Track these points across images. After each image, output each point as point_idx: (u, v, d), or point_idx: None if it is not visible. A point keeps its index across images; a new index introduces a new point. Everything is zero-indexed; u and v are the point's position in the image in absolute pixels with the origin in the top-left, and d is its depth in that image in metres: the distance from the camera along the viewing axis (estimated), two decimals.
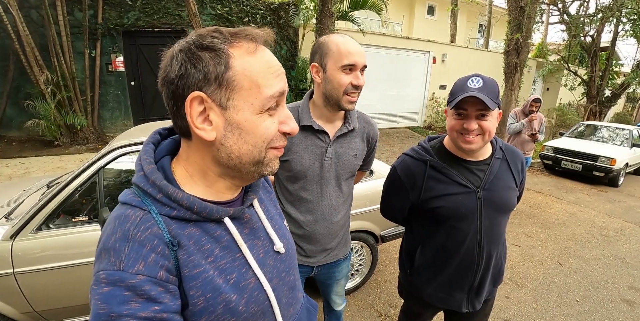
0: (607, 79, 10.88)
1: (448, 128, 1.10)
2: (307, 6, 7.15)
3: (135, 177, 0.55)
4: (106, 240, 0.49)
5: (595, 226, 4.18)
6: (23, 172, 4.75)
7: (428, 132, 9.75)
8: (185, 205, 0.52)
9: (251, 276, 0.59)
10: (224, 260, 0.56)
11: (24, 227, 1.69)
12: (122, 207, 0.53)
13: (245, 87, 0.51)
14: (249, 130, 0.52)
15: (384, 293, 2.55)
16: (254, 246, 0.62)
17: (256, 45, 0.52)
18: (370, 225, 2.33)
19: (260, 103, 0.52)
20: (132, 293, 0.45)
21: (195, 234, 0.54)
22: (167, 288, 0.49)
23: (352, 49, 1.06)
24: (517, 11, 7.19)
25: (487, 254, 1.13)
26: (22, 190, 2.42)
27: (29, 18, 5.56)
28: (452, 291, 1.18)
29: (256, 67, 0.51)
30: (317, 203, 1.20)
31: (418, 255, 1.21)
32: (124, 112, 6.77)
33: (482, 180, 1.11)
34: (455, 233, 1.11)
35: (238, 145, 0.53)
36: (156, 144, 0.61)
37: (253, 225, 0.63)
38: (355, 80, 1.08)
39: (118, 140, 1.95)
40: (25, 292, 1.65)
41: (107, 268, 0.47)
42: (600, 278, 2.94)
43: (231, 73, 0.50)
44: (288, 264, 0.69)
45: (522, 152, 4.12)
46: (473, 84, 1.01)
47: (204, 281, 0.53)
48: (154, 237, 0.49)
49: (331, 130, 1.18)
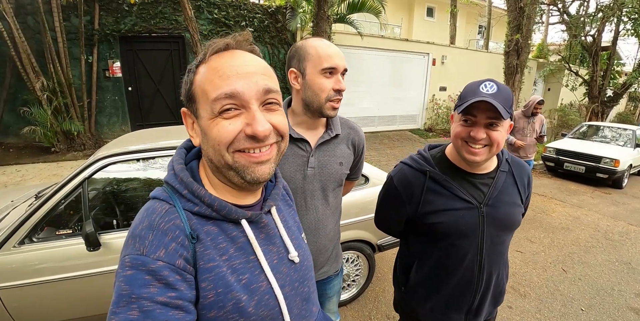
0: (609, 79, 10.77)
1: (453, 135, 1.00)
2: (304, 10, 7.12)
3: (166, 175, 0.62)
4: (134, 228, 0.54)
5: (599, 230, 4.08)
6: (19, 179, 4.71)
7: (429, 135, 9.68)
8: (206, 201, 0.57)
9: (263, 280, 0.61)
10: (238, 260, 0.59)
11: (7, 240, 1.64)
12: (151, 201, 0.59)
13: (200, 96, 0.56)
14: (207, 135, 0.57)
15: (381, 303, 2.47)
16: (269, 252, 0.64)
17: (221, 54, 0.57)
18: (366, 234, 2.26)
19: (209, 108, 0.55)
20: (152, 278, 0.49)
21: (213, 231, 0.58)
22: (184, 277, 0.52)
23: (331, 52, 1.01)
24: (517, 12, 7.14)
25: (488, 274, 1.05)
26: (10, 200, 2.38)
27: (25, 24, 5.55)
28: (449, 312, 1.10)
29: (204, 76, 0.56)
30: (302, 216, 1.13)
31: (414, 271, 1.13)
32: (122, 117, 6.74)
33: (485, 195, 1.02)
34: (455, 251, 1.03)
35: (207, 149, 0.58)
36: (188, 149, 0.67)
37: (269, 231, 0.65)
38: (337, 84, 1.03)
39: (105, 149, 1.91)
40: (8, 307, 1.61)
41: (132, 253, 0.51)
42: (606, 285, 2.85)
43: (193, 87, 0.57)
44: (303, 274, 0.70)
45: (525, 155, 4.07)
46: (486, 89, 0.92)
47: (217, 276, 0.55)
48: (176, 228, 0.54)
49: (312, 138, 1.11)
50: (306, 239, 1.15)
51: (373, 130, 9.45)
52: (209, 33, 6.91)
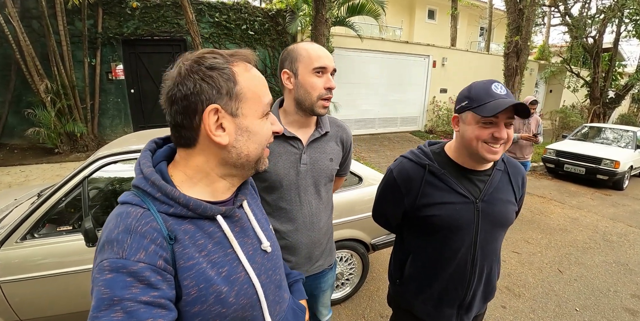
0: (611, 80, 10.74)
1: (469, 137, 0.99)
2: (304, 13, 7.19)
3: (135, 179, 0.61)
4: (109, 234, 0.54)
5: (598, 231, 4.08)
6: (23, 179, 4.79)
7: (429, 137, 9.69)
8: (181, 202, 0.58)
9: (241, 271, 0.64)
10: (217, 254, 0.61)
11: (9, 236, 1.69)
12: (122, 206, 0.59)
13: (250, 98, 0.62)
14: (256, 132, 0.63)
15: (375, 302, 2.49)
16: (244, 244, 0.67)
17: (250, 65, 0.64)
18: (360, 234, 2.29)
19: (261, 109, 0.64)
20: (133, 279, 0.50)
21: (190, 230, 0.60)
22: (164, 277, 0.54)
23: (321, 53, 1.09)
24: (516, 14, 7.18)
25: (480, 269, 1.08)
26: (13, 198, 2.44)
27: (30, 28, 5.66)
28: (441, 306, 1.13)
29: (255, 82, 0.63)
30: (296, 212, 1.18)
31: (408, 265, 1.16)
32: (124, 119, 6.83)
33: (481, 191, 1.05)
34: (449, 245, 1.06)
35: (247, 146, 0.63)
36: (153, 151, 0.68)
37: (243, 224, 0.69)
38: (327, 82, 1.10)
39: (105, 149, 1.96)
40: (10, 301, 1.66)
41: (111, 257, 0.51)
42: (602, 286, 2.86)
43: (239, 87, 0.60)
44: (274, 263, 0.74)
45: (522, 156, 4.08)
46: (499, 91, 0.95)
47: (198, 272, 0.57)
48: (154, 230, 0.55)
49: (303, 136, 1.17)
50: (301, 233, 1.21)
51: (373, 132, 9.48)
52: (210, 36, 6.99)
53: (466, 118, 1.00)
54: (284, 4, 7.71)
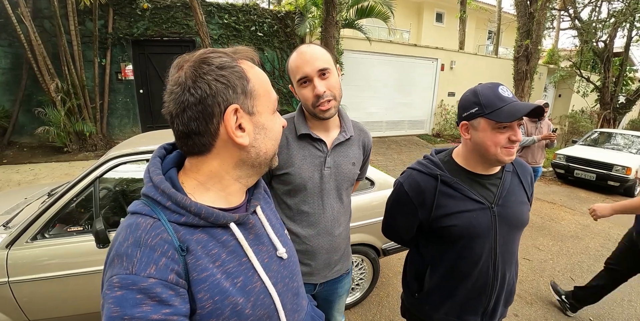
0: (621, 85, 10.62)
1: (487, 144, 0.96)
2: (313, 15, 7.19)
3: (144, 188, 0.58)
4: (118, 247, 0.52)
5: (610, 239, 4.00)
6: (32, 178, 4.82)
7: (436, 140, 9.63)
8: (193, 211, 0.55)
9: (257, 280, 0.61)
10: (231, 264, 0.59)
11: (20, 235, 1.69)
12: (132, 216, 0.56)
13: (262, 94, 0.61)
14: (271, 128, 0.63)
15: (385, 308, 2.46)
16: (259, 252, 0.64)
17: (252, 62, 0.62)
18: (371, 238, 2.26)
19: (272, 105, 0.63)
20: (144, 296, 0.48)
21: (203, 239, 0.57)
22: (177, 292, 0.51)
23: (299, 61, 1.04)
24: (526, 17, 7.12)
25: (502, 274, 1.05)
26: (24, 197, 2.44)
27: (42, 28, 5.72)
28: (464, 315, 1.10)
29: (263, 78, 0.62)
30: (318, 216, 1.16)
31: (427, 277, 1.12)
32: (133, 119, 6.87)
33: (495, 195, 1.04)
34: (469, 254, 1.03)
35: (265, 143, 0.62)
36: (162, 158, 0.65)
37: (257, 231, 0.66)
38: (314, 90, 1.05)
39: (116, 150, 1.95)
40: (19, 301, 1.65)
41: (120, 272, 0.49)
42: (616, 296, 2.78)
43: (251, 84, 0.59)
44: (291, 270, 0.72)
45: (534, 161, 4.02)
46: (506, 94, 0.94)
47: (212, 284, 0.55)
48: (164, 242, 0.52)
49: (328, 139, 1.16)
50: (322, 238, 1.18)
51: (380, 135, 9.45)
52: (219, 37, 7.02)
53: (478, 125, 0.97)
54: (292, 6, 7.72)
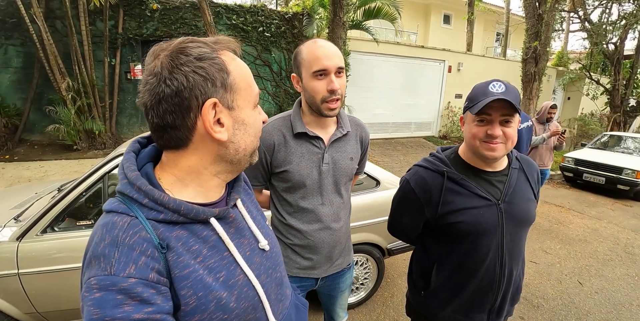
0: (632, 88, 10.47)
1: (468, 137, 1.01)
2: (321, 16, 7.22)
3: (119, 185, 0.56)
4: (95, 248, 0.50)
5: (619, 243, 3.94)
6: (42, 174, 4.91)
7: (443, 142, 9.58)
8: (172, 207, 0.54)
9: (240, 274, 0.61)
10: (213, 259, 0.58)
11: (30, 228, 1.71)
12: (108, 215, 0.54)
13: (243, 88, 0.58)
14: (252, 124, 0.60)
15: (389, 308, 2.44)
16: (241, 245, 0.64)
17: (234, 53, 0.60)
18: (376, 238, 2.26)
19: (253, 99, 0.61)
20: (124, 296, 0.46)
21: (183, 236, 0.56)
22: (158, 290, 0.50)
23: (320, 53, 1.03)
24: (535, 19, 7.06)
25: (509, 272, 1.05)
26: (34, 192, 2.49)
27: (54, 28, 5.83)
28: (471, 313, 1.09)
29: (244, 70, 0.60)
30: (319, 211, 1.18)
31: (434, 275, 1.12)
32: (141, 118, 6.94)
33: (502, 192, 1.03)
34: (476, 251, 1.03)
35: (244, 139, 0.60)
36: (137, 152, 0.62)
37: (238, 224, 0.65)
38: (329, 85, 1.04)
39: (125, 147, 1.98)
40: (28, 293, 1.67)
41: (98, 274, 0.47)
42: (624, 300, 2.74)
43: (231, 77, 0.56)
44: (273, 261, 0.72)
45: (542, 164, 3.99)
46: (495, 89, 0.95)
47: (195, 280, 0.54)
48: (143, 240, 0.51)
49: (325, 135, 1.17)
50: (323, 232, 1.19)
51: (387, 136, 9.42)
52: None
53: (466, 118, 1.03)
54: (300, 8, 7.76)
